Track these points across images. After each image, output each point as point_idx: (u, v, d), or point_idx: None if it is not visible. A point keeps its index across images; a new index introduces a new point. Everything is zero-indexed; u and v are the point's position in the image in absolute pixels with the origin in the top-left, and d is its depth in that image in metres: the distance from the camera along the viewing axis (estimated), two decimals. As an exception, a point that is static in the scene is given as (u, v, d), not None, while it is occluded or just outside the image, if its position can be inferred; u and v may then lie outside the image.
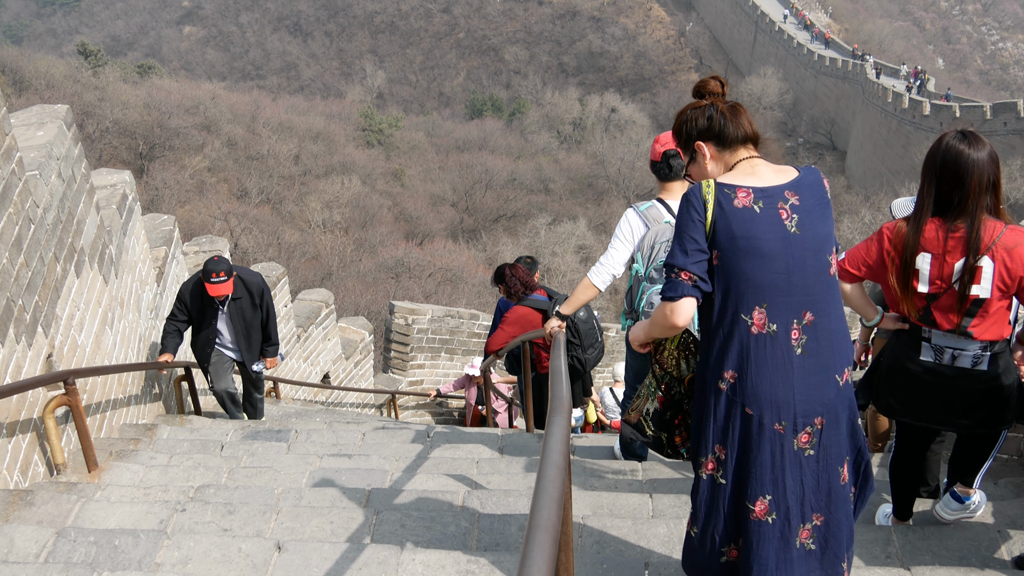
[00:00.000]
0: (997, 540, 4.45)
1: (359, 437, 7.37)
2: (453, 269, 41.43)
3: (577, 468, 5.85)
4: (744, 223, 3.03)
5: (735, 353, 3.10)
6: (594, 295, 5.11)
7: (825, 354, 3.10)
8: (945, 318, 3.86)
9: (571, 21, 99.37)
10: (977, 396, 3.99)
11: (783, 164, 3.22)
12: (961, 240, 3.75)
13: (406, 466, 6.14)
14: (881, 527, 4.66)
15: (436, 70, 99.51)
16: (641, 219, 5.19)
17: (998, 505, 5.11)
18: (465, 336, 16.26)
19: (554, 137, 78.53)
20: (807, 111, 76.30)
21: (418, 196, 60.72)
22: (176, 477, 5.74)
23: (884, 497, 5.23)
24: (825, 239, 3.11)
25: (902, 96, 59.08)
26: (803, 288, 3.06)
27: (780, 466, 3.11)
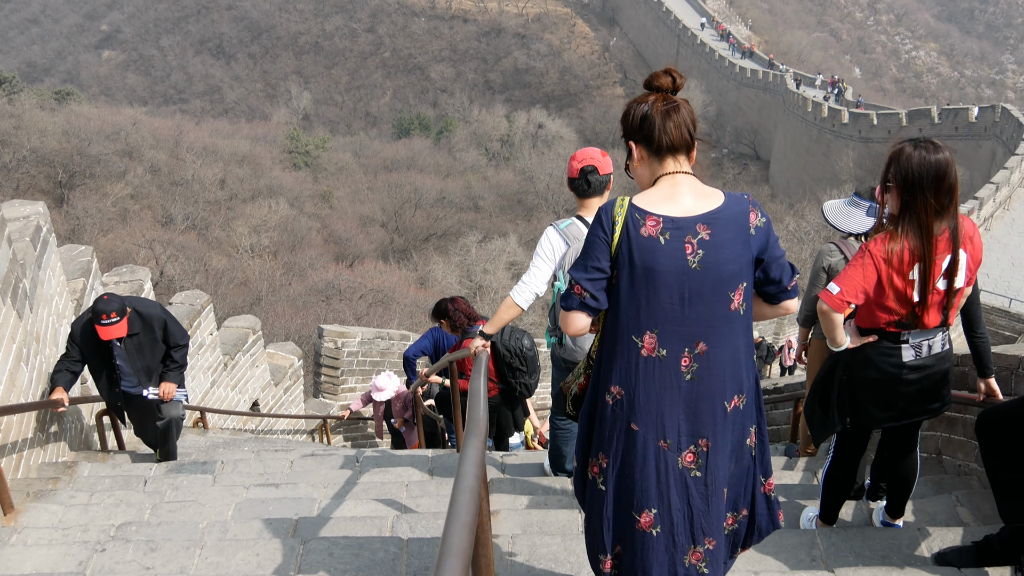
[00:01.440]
0: (918, 538, 4.53)
1: (287, 465, 7.28)
2: (384, 290, 41.24)
3: (507, 486, 5.82)
4: (645, 252, 3.05)
5: (622, 371, 3.16)
6: (517, 314, 5.10)
7: (716, 382, 3.14)
8: (932, 316, 4.01)
9: (496, 38, 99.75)
10: (943, 376, 4.19)
11: (714, 174, 3.21)
12: (947, 240, 3.89)
13: (335, 493, 6.07)
14: (806, 531, 4.73)
15: (362, 90, 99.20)
16: (561, 237, 5.20)
17: (918, 503, 5.21)
18: (396, 357, 16.18)
19: (482, 154, 78.63)
20: (730, 122, 77.32)
21: (347, 217, 60.39)
22: (97, 516, 5.59)
23: (802, 504, 5.28)
24: (731, 276, 3.10)
25: (821, 105, 60.16)
26: (697, 320, 3.09)
27: (665, 482, 3.14)
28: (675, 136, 3.16)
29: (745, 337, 3.23)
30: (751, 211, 3.16)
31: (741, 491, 3.34)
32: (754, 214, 3.17)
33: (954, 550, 4.30)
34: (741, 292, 3.15)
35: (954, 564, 4.24)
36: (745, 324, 3.22)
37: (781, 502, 5.32)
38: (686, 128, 3.18)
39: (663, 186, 3.17)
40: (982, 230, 33.24)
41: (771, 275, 3.24)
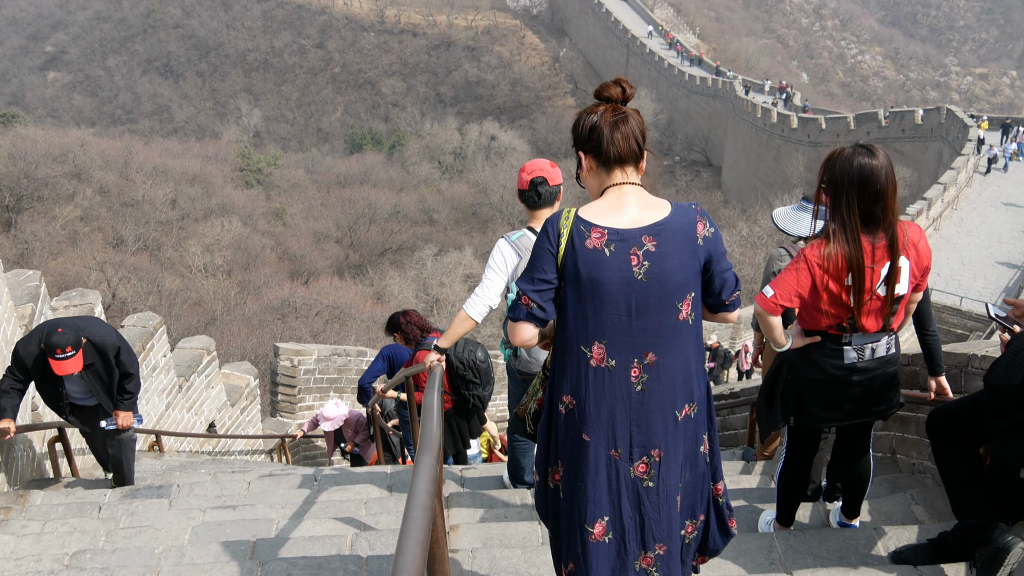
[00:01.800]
0: (874, 537, 4.57)
1: (244, 486, 7.21)
2: (340, 306, 41.04)
3: (467, 500, 5.80)
4: (591, 264, 3.08)
5: (573, 381, 3.20)
6: (471, 327, 5.08)
7: (666, 392, 3.18)
8: (873, 321, 4.04)
9: (446, 51, 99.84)
10: (889, 379, 4.22)
11: (667, 182, 3.24)
12: (885, 248, 3.92)
13: (293, 513, 6.02)
14: (764, 534, 4.75)
15: (313, 106, 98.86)
16: (513, 248, 5.21)
17: (874, 503, 5.25)
18: (354, 374, 16.09)
19: (436, 168, 78.57)
20: (681, 130, 77.88)
21: (301, 234, 60.07)
22: (50, 545, 5.50)
23: (760, 508, 5.32)
24: (678, 287, 3.13)
25: (770, 111, 60.77)
26: (645, 331, 3.13)
27: (617, 491, 3.19)
28: (622, 147, 3.19)
29: (695, 346, 3.27)
30: (699, 221, 3.20)
31: (698, 497, 3.38)
32: (702, 224, 3.20)
33: (910, 548, 4.34)
34: (689, 302, 3.19)
35: (910, 562, 4.28)
36: (695, 333, 3.25)
37: (740, 506, 5.36)
38: (634, 139, 3.20)
39: (609, 197, 3.21)
40: (931, 230, 33.69)
41: (714, 286, 3.28)
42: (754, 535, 4.71)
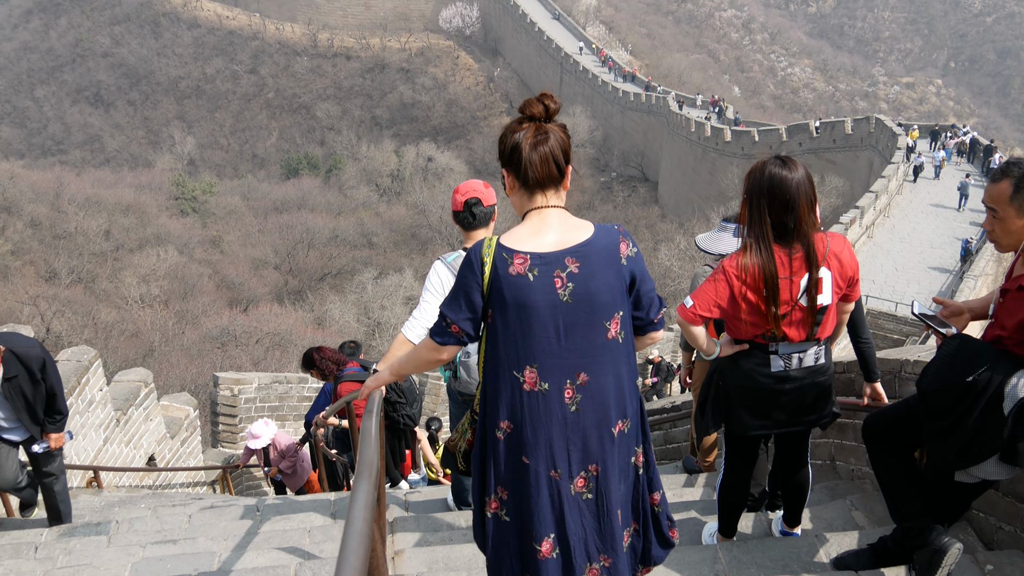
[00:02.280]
0: (815, 545, 4.62)
1: (186, 520, 7.09)
2: (281, 333, 40.69)
3: (411, 524, 5.76)
4: (516, 289, 3.16)
5: (508, 406, 3.26)
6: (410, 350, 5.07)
7: (600, 410, 3.25)
8: (797, 331, 4.09)
9: (381, 74, 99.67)
10: (819, 388, 4.27)
11: (604, 198, 3.28)
12: (802, 259, 3.98)
13: (235, 545, 5.93)
14: (707, 546, 4.78)
15: (248, 132, 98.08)
16: (449, 270, 5.21)
17: (815, 510, 5.31)
18: (295, 401, 15.95)
19: (373, 190, 78.33)
20: (617, 146, 78.38)
21: (239, 261, 59.50)
22: (-16, 588, 5.38)
23: (703, 520, 5.34)
24: (604, 306, 3.21)
25: (704, 125, 61.39)
26: (575, 351, 3.20)
27: (559, 509, 3.26)
28: (540, 172, 3.22)
29: (627, 364, 3.33)
30: (622, 241, 3.27)
31: (631, 508, 3.44)
32: (625, 244, 3.27)
33: (851, 554, 4.39)
34: (617, 321, 3.26)
35: (851, 567, 4.33)
36: (626, 351, 3.32)
37: (683, 519, 5.38)
38: (553, 162, 3.22)
39: (531, 221, 3.27)
40: (864, 238, 34.23)
41: (641, 305, 3.37)
42: (697, 547, 4.74)
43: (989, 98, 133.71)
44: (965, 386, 3.75)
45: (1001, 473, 3.89)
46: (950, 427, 3.81)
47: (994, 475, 3.90)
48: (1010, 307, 3.80)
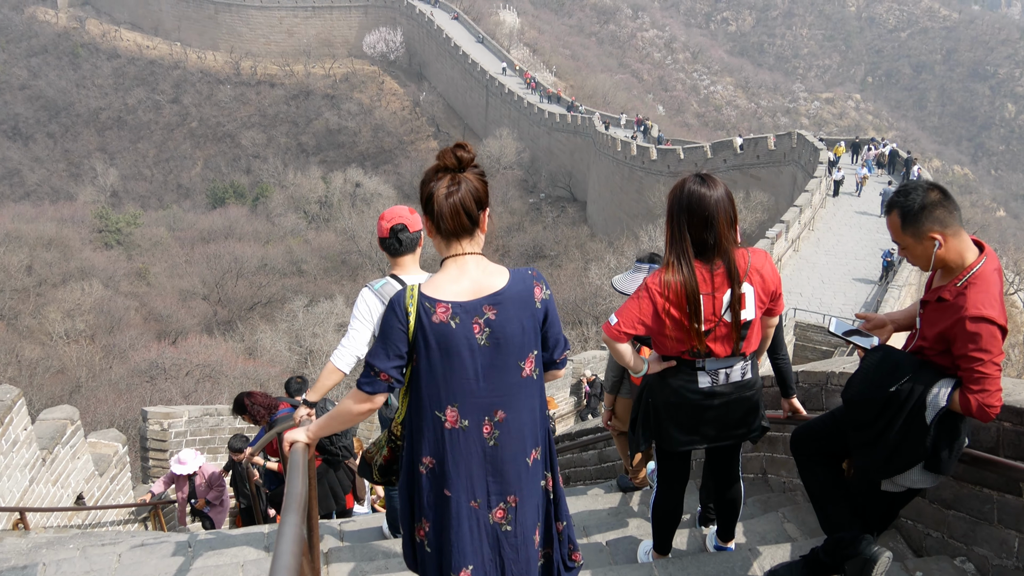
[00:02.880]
0: (749, 558, 4.66)
1: (115, 559, 6.93)
2: (212, 364, 40.09)
3: (347, 554, 5.70)
4: (439, 336, 3.38)
5: (431, 443, 3.48)
6: (339, 379, 5.05)
7: (516, 443, 3.51)
8: (722, 347, 4.13)
9: (305, 101, 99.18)
10: (746, 403, 4.32)
11: (533, 219, 3.39)
12: (724, 276, 4.03)
13: (167, 583, 5.82)
14: (643, 564, 4.80)
15: (172, 162, 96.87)
16: (377, 297, 5.19)
17: (748, 524, 5.35)
18: (227, 432, 15.74)
19: (302, 218, 77.76)
20: (545, 167, 78.71)
21: (166, 293, 58.62)
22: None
23: (638, 539, 5.36)
24: (519, 348, 3.45)
25: (630, 144, 61.93)
26: (492, 391, 3.44)
27: (479, 539, 3.48)
28: (451, 224, 3.42)
29: (540, 398, 3.59)
30: (536, 286, 3.52)
31: (543, 533, 3.67)
32: (539, 289, 3.53)
33: (784, 566, 4.43)
34: (532, 360, 3.52)
35: (785, 580, 4.37)
36: (538, 387, 3.58)
37: (618, 538, 5.40)
38: (464, 214, 3.42)
39: (450, 270, 3.48)
40: (791, 252, 34.73)
41: (548, 345, 3.62)
42: (633, 566, 4.75)
43: (906, 111, 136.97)
44: (888, 396, 3.82)
45: (926, 481, 3.97)
46: (875, 437, 3.88)
47: (919, 484, 3.97)
48: (930, 318, 3.88)
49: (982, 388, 3.65)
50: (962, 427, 3.89)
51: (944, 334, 3.76)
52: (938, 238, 3.76)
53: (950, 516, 4.46)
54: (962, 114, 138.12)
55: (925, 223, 3.77)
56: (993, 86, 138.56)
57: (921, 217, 3.78)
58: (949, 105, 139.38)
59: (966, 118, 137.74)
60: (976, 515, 4.29)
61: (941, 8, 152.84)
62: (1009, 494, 4.08)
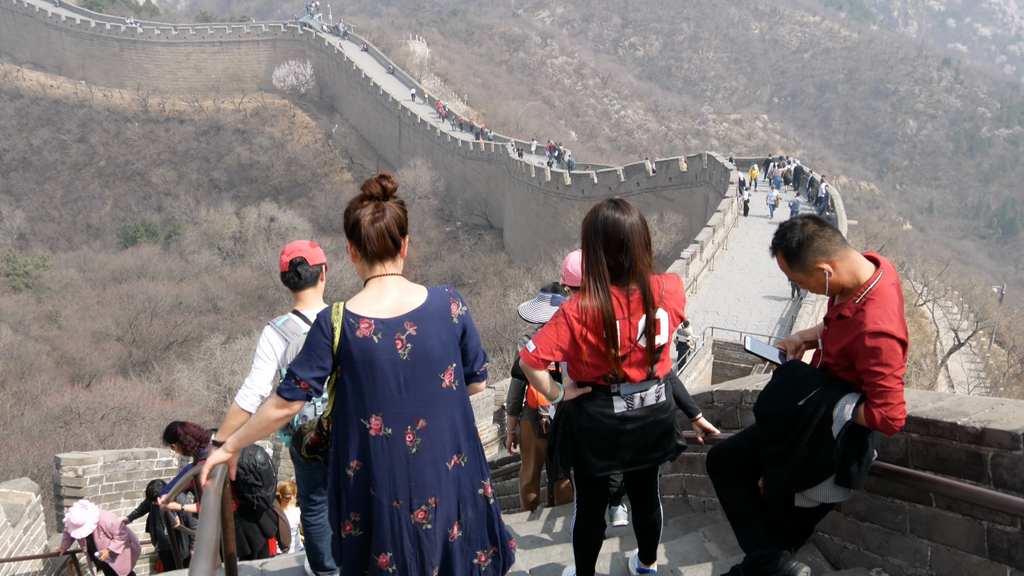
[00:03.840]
0: (672, 579, 4.70)
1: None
2: (128, 407, 39.27)
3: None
4: (363, 351, 3.65)
5: (356, 448, 3.76)
6: (245, 419, 5.02)
7: (437, 449, 3.77)
8: (637, 372, 4.18)
9: (216, 136, 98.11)
10: (662, 426, 4.36)
11: (451, 247, 3.53)
12: (639, 300, 4.08)
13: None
14: (567, 591, 4.81)
15: (80, 202, 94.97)
16: (279, 334, 5.24)
17: (670, 545, 5.41)
18: (144, 476, 15.45)
19: (216, 254, 76.81)
20: (460, 195, 78.89)
21: (79, 336, 57.31)
22: None
23: (562, 564, 5.39)
24: (439, 360, 3.74)
25: (544, 170, 62.37)
26: (414, 401, 3.71)
27: (399, 535, 3.77)
28: (377, 246, 3.71)
29: (461, 408, 3.87)
30: (452, 303, 3.83)
31: (486, 532, 3.97)
32: (455, 305, 3.84)
33: (706, 584, 4.50)
34: (451, 372, 3.80)
35: (707, 598, 4.43)
36: (459, 397, 3.86)
37: (541, 566, 5.42)
38: (389, 237, 3.72)
39: (372, 289, 3.76)
40: (706, 271, 35.22)
41: (468, 358, 3.92)
42: (558, 592, 4.77)
43: (812, 130, 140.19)
44: (797, 410, 3.92)
45: (837, 496, 4.06)
46: (785, 451, 3.97)
47: (831, 498, 4.07)
48: (833, 335, 3.98)
49: (885, 402, 3.75)
50: (870, 440, 3.99)
51: (846, 350, 3.86)
52: (826, 267, 3.86)
53: (865, 528, 4.55)
54: (866, 131, 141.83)
55: (808, 257, 3.89)
56: (894, 103, 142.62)
57: (803, 253, 3.90)
58: (853, 123, 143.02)
59: (870, 135, 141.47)
60: (889, 526, 4.38)
61: (841, 29, 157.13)
62: (920, 504, 4.18)
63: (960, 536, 3.95)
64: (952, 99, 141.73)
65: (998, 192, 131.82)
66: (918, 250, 78.34)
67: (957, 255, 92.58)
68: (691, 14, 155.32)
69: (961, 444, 3.90)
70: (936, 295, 51.22)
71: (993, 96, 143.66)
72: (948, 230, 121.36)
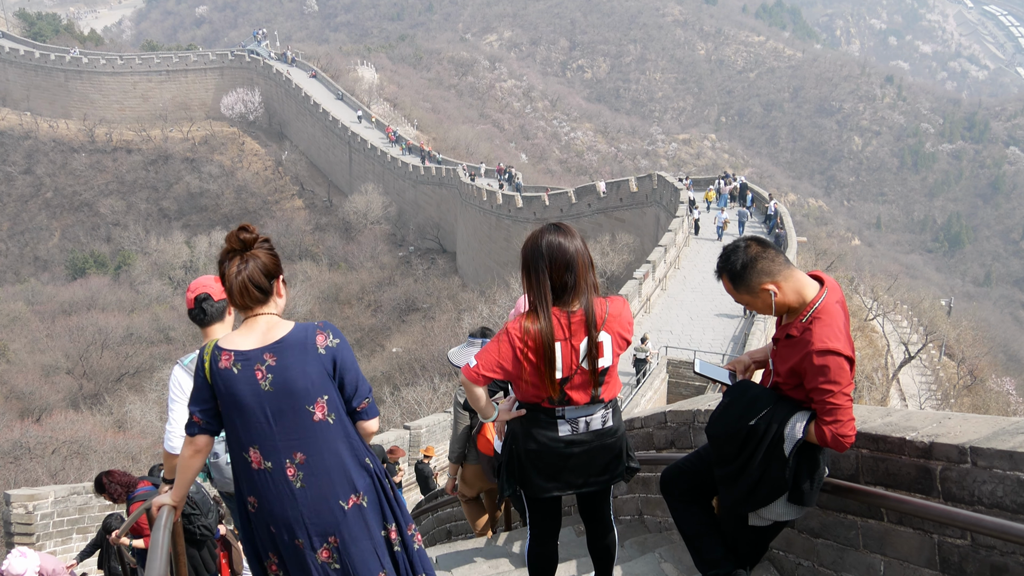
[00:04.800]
0: (631, 602, 4.71)
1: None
2: (79, 440, 38.76)
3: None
4: (226, 382, 3.77)
5: (248, 482, 3.86)
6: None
7: (324, 486, 3.81)
8: (580, 394, 4.18)
9: (165, 165, 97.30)
10: (608, 451, 4.35)
11: (404, 272, 3.60)
12: (581, 322, 4.10)
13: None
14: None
15: (27, 234, 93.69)
16: (187, 372, 5.34)
17: (626, 566, 5.43)
18: (97, 511, 15.24)
19: (167, 284, 76.09)
20: (412, 220, 78.76)
21: (28, 369, 56.49)
22: None
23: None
24: (304, 392, 3.78)
25: (495, 193, 62.44)
26: (286, 434, 3.78)
27: (308, 571, 3.81)
28: (240, 301, 3.86)
29: (346, 443, 3.89)
30: (319, 334, 3.87)
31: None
32: (322, 336, 3.87)
33: (664, 604, 4.52)
34: (323, 405, 3.82)
35: (665, 618, 4.45)
36: (341, 432, 3.87)
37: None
38: (254, 287, 3.85)
39: (244, 326, 3.90)
40: (659, 290, 35.42)
41: (346, 392, 3.91)
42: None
43: (760, 148, 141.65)
44: (748, 430, 3.97)
45: (791, 513, 4.11)
46: (737, 471, 4.02)
47: (785, 516, 4.12)
48: (782, 354, 4.04)
49: (835, 419, 3.81)
50: (821, 458, 4.06)
51: (795, 369, 3.92)
52: (771, 288, 3.93)
53: (819, 544, 4.59)
54: (813, 148, 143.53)
55: (754, 279, 3.95)
56: (839, 120, 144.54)
57: (748, 275, 3.96)
58: (800, 140, 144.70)
59: (816, 152, 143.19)
60: (843, 542, 4.42)
61: (786, 48, 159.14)
62: (872, 519, 4.22)
63: (912, 550, 4.00)
64: (896, 115, 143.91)
65: (943, 206, 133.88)
66: (867, 265, 79.34)
67: (905, 269, 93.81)
68: (637, 36, 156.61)
69: (910, 459, 3.96)
70: (886, 309, 51.89)
71: (935, 112, 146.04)
72: (896, 245, 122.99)
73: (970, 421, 3.98)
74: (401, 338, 57.03)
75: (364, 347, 60.08)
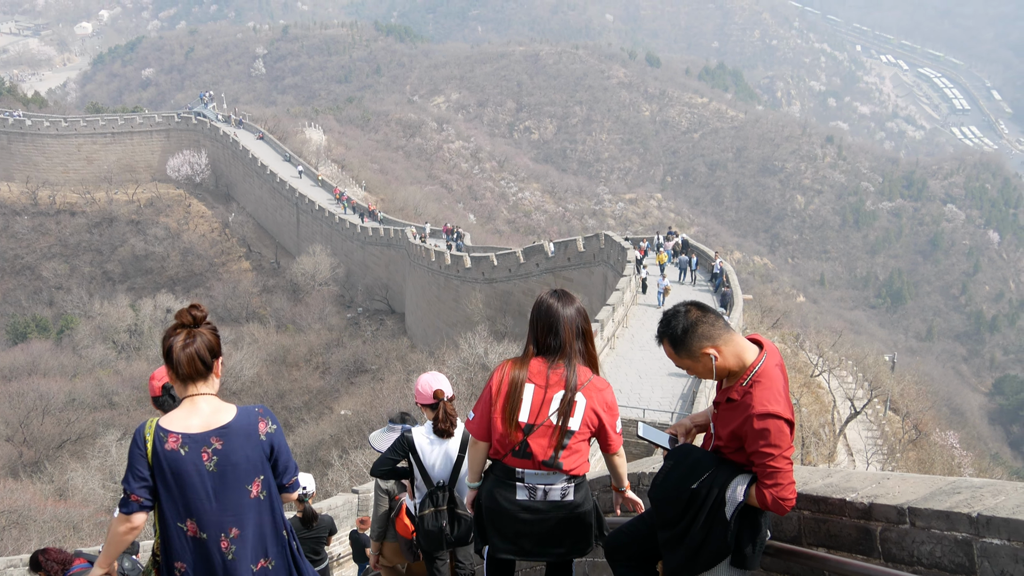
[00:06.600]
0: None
1: None
2: (18, 510, 37.84)
3: None
4: (171, 462, 4.02)
5: (178, 550, 4.09)
6: None
7: (249, 555, 4.15)
8: (541, 448, 4.23)
9: (109, 228, 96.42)
10: (567, 524, 4.38)
11: (352, 333, 3.73)
12: (561, 377, 4.23)
13: None
14: None
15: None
16: None
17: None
18: (36, 584, 14.83)
19: (111, 348, 74.98)
20: (361, 281, 78.56)
21: (-35, 438, 55.36)
22: None
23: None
24: (245, 473, 4.10)
25: (444, 254, 62.49)
26: (224, 510, 4.07)
27: None
28: (187, 370, 4.11)
29: (270, 515, 4.25)
30: (261, 421, 4.21)
31: None
32: (263, 423, 4.22)
33: (610, 672, 4.48)
34: (259, 483, 4.17)
35: None
36: (268, 506, 4.23)
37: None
38: (200, 360, 4.11)
39: (185, 407, 4.14)
40: (607, 349, 35.50)
41: (278, 471, 4.28)
42: None
43: (705, 207, 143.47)
44: (690, 494, 3.97)
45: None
46: (680, 535, 4.01)
47: (728, 580, 4.11)
48: (723, 418, 4.07)
49: (775, 482, 3.83)
50: (763, 521, 4.06)
51: (736, 432, 3.94)
52: (712, 352, 3.97)
53: (764, 606, 4.57)
54: (757, 207, 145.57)
55: (694, 343, 4.01)
56: (782, 179, 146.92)
57: (688, 339, 4.02)
58: (744, 199, 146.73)
59: (760, 211, 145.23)
60: (787, 603, 4.41)
61: (728, 109, 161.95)
62: (814, 580, 4.23)
63: (855, 611, 3.99)
64: (836, 175, 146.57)
65: (885, 263, 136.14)
66: (812, 321, 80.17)
67: (849, 325, 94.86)
68: (583, 97, 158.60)
69: (851, 520, 3.97)
70: (831, 365, 52.33)
71: (875, 171, 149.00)
72: (840, 301, 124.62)
73: (908, 481, 4.00)
74: (350, 400, 56.48)
75: (312, 409, 59.49)
